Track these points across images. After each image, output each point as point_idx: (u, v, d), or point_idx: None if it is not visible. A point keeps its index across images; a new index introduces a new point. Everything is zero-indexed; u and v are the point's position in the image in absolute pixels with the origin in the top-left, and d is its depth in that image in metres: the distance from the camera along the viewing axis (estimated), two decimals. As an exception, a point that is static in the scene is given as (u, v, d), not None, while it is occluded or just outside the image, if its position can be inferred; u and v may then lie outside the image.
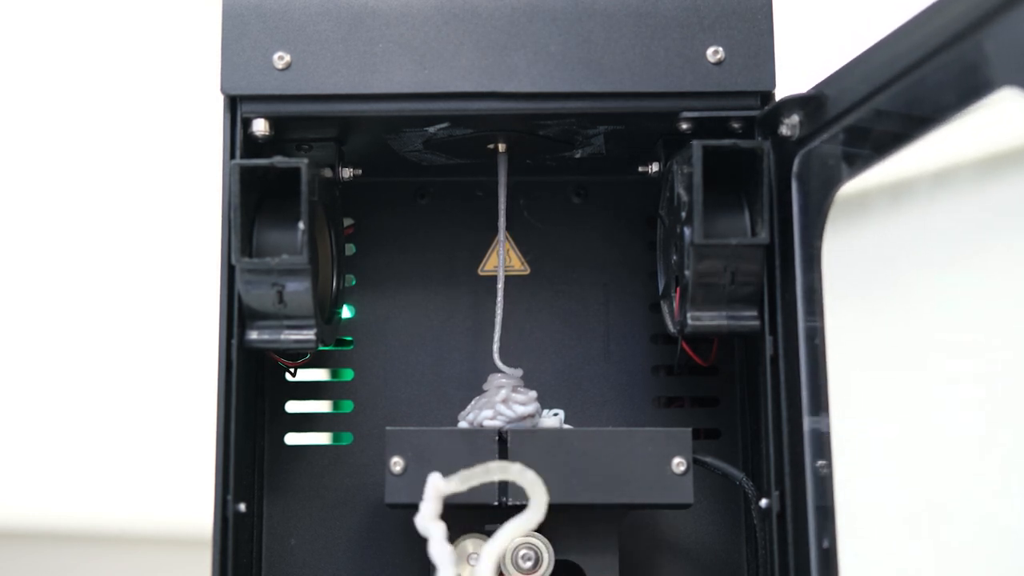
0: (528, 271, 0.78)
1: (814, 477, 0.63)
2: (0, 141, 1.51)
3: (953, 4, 0.52)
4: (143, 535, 1.47)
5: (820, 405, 0.63)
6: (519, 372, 0.73)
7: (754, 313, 0.67)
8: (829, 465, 0.63)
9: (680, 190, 0.67)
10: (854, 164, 0.61)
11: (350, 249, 0.78)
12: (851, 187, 0.62)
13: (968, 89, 0.52)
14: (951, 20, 0.52)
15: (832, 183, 0.62)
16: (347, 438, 0.77)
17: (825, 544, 0.62)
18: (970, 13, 0.51)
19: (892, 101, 0.57)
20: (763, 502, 0.68)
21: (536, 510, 0.62)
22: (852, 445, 0.65)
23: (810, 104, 0.64)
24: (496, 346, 0.72)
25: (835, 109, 0.62)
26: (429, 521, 0.63)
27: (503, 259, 0.75)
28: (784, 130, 0.65)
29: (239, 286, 0.66)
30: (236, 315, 0.67)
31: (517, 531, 0.61)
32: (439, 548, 0.62)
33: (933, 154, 1.06)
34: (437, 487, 0.63)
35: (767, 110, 0.67)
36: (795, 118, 0.65)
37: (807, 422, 0.63)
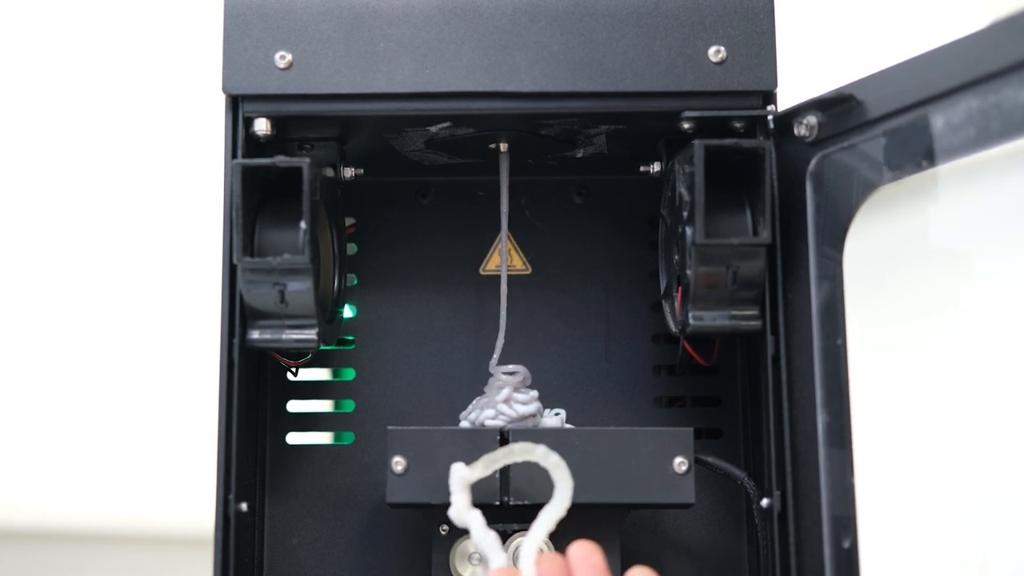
0: (530, 270, 0.78)
1: (829, 478, 0.63)
2: (3, 141, 1.51)
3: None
4: (144, 535, 1.47)
5: (838, 405, 0.63)
6: (521, 372, 0.73)
7: (755, 313, 0.67)
8: (851, 474, 0.62)
9: (682, 190, 0.67)
10: (899, 167, 0.59)
11: (352, 248, 0.78)
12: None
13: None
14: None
15: (867, 185, 0.61)
16: (349, 437, 0.77)
17: (846, 544, 0.62)
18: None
19: (953, 109, 0.55)
20: (764, 501, 0.68)
21: (563, 493, 0.62)
22: (858, 445, 0.65)
23: (833, 106, 0.63)
24: (498, 349, 0.73)
25: (876, 111, 0.60)
26: (464, 512, 0.63)
27: (505, 259, 0.75)
28: (801, 130, 0.65)
29: (241, 285, 0.66)
30: (238, 315, 0.67)
31: (552, 518, 0.62)
32: (483, 535, 0.61)
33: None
34: (463, 476, 0.63)
35: (784, 110, 0.66)
36: (813, 119, 0.64)
37: (821, 417, 0.63)
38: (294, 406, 0.77)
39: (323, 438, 0.78)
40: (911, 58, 0.59)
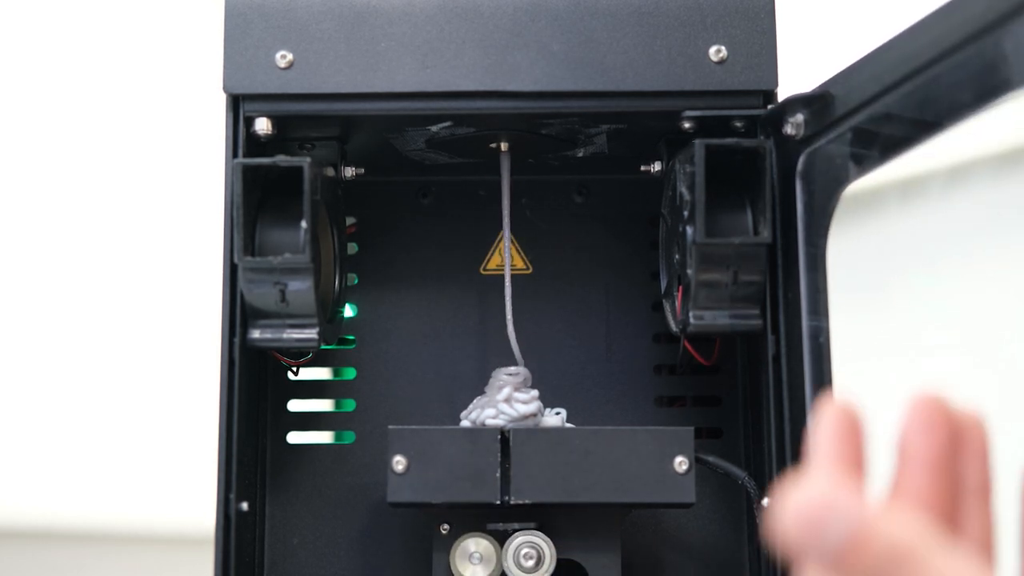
0: (531, 270, 0.78)
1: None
2: (5, 140, 1.51)
3: (971, 2, 0.51)
4: (144, 535, 1.47)
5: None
6: (522, 372, 0.73)
7: (756, 312, 0.67)
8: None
9: (682, 189, 0.67)
10: (862, 163, 0.60)
11: (352, 248, 0.78)
12: (863, 184, 0.61)
13: (985, 89, 0.50)
14: (969, 18, 0.51)
15: (838, 182, 0.62)
16: (349, 437, 0.77)
17: None
18: (989, 12, 0.50)
19: (904, 100, 0.57)
20: (765, 501, 0.68)
21: None
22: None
23: (815, 103, 0.64)
24: (514, 344, 0.72)
25: (842, 108, 0.61)
26: None
27: (509, 259, 0.75)
28: (789, 129, 0.65)
29: (241, 285, 0.66)
30: (238, 314, 0.67)
31: None
32: None
33: (946, 151, 1.06)
34: None
35: (772, 109, 0.67)
36: (800, 117, 0.65)
37: (810, 419, 0.63)
38: (295, 405, 0.77)
39: (324, 437, 0.78)
40: (870, 52, 0.59)
